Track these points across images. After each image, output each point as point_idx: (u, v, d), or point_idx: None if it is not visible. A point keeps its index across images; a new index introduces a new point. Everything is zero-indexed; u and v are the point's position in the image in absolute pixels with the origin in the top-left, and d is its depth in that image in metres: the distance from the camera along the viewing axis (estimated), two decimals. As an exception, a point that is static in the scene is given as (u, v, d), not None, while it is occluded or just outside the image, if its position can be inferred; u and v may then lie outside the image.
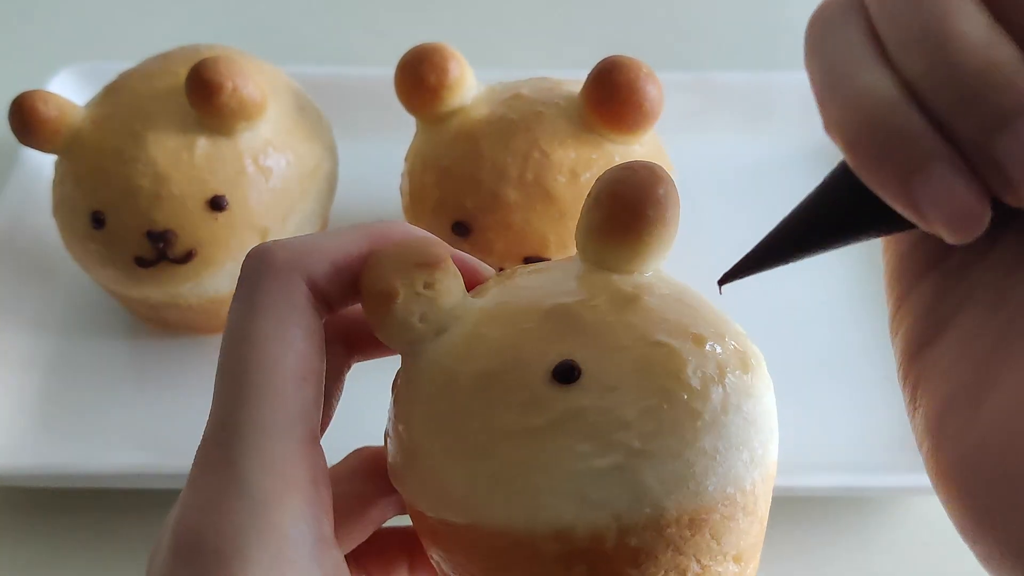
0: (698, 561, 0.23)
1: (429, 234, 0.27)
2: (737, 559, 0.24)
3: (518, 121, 0.44)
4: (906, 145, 0.17)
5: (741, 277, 0.23)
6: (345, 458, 0.30)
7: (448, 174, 0.45)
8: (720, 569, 0.23)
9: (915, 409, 0.21)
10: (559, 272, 0.26)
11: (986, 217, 0.17)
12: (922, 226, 0.18)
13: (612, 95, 0.43)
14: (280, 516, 0.22)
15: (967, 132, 0.17)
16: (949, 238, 0.18)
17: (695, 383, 0.23)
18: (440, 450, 0.24)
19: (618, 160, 0.44)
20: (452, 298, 0.25)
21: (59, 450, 0.45)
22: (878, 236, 0.20)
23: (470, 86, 0.46)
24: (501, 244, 0.44)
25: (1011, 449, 0.18)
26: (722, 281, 0.23)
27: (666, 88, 0.44)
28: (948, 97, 0.17)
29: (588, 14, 0.75)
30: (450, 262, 0.25)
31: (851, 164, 0.18)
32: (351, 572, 0.29)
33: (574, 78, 0.46)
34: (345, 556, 0.29)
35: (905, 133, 0.17)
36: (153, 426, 0.46)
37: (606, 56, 0.44)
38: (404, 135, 0.49)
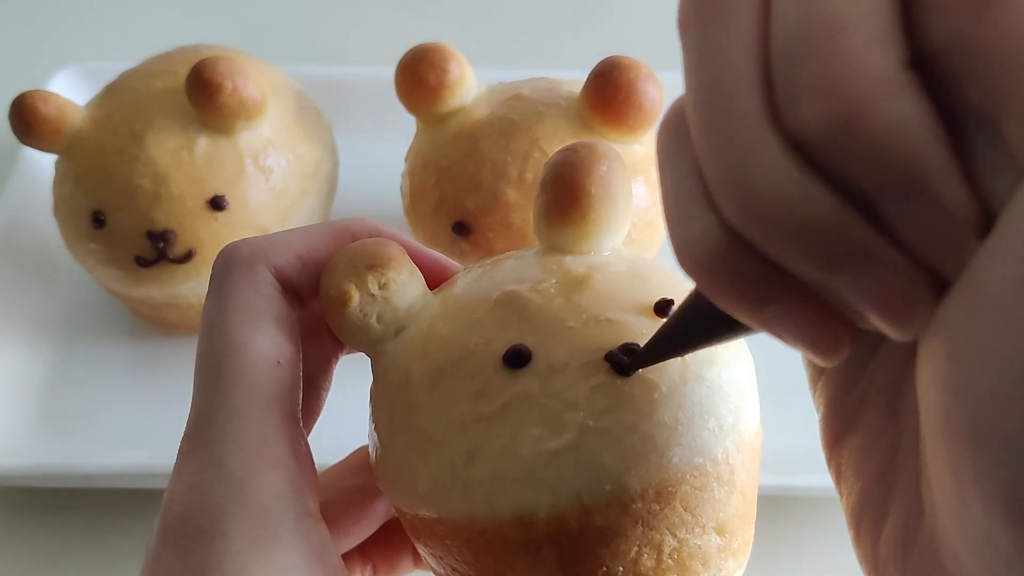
0: (673, 535, 0.23)
1: (392, 232, 0.27)
2: (719, 531, 0.23)
3: (518, 121, 0.44)
4: (744, 286, 0.16)
5: (646, 366, 0.23)
6: (349, 455, 0.30)
7: (448, 174, 0.45)
8: (699, 542, 0.23)
9: (840, 494, 0.21)
10: (517, 261, 0.26)
11: (844, 340, 0.16)
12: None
13: (612, 95, 0.43)
14: (260, 493, 0.22)
15: (800, 275, 0.16)
16: (815, 361, 0.17)
17: None
18: (403, 447, 0.24)
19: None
20: (408, 296, 0.25)
21: (59, 450, 0.45)
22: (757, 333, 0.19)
23: (470, 86, 0.46)
24: (501, 244, 0.44)
25: None
26: (628, 371, 0.23)
27: (666, 88, 0.44)
28: (770, 247, 0.16)
29: (588, 14, 0.75)
30: (402, 261, 0.25)
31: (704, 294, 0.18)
32: (357, 564, 0.30)
33: (574, 78, 0.46)
34: (351, 549, 0.29)
35: (740, 276, 0.16)
36: (153, 426, 0.46)
37: (606, 56, 0.44)
38: (404, 135, 0.49)
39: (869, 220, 0.15)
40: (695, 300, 0.20)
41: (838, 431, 0.21)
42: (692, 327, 0.21)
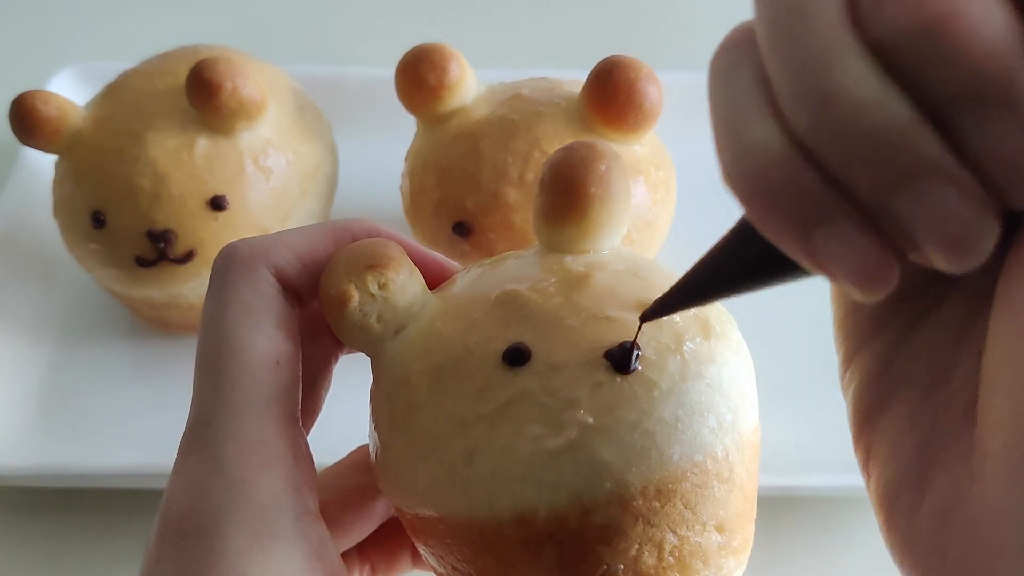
0: (674, 532, 0.23)
1: (392, 232, 0.27)
2: (720, 529, 0.23)
3: (518, 121, 0.44)
4: (799, 203, 0.16)
5: (664, 315, 0.22)
6: (349, 455, 0.30)
7: (448, 174, 0.45)
8: (700, 540, 0.23)
9: (868, 476, 0.21)
10: (517, 260, 0.26)
11: (893, 273, 0.16)
12: (831, 281, 0.17)
13: (612, 95, 0.43)
14: (259, 492, 0.22)
15: (862, 191, 0.15)
16: (857, 296, 0.17)
17: (649, 353, 0.23)
18: (403, 446, 0.24)
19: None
20: (407, 296, 0.25)
21: (59, 450, 0.45)
22: (798, 280, 0.18)
23: (470, 86, 0.46)
24: (502, 244, 0.44)
25: (946, 558, 0.18)
26: (645, 318, 0.23)
27: (666, 88, 0.44)
28: (837, 157, 0.15)
29: (588, 14, 0.75)
30: (401, 260, 0.25)
31: (750, 219, 0.17)
32: (356, 563, 0.30)
33: (574, 78, 0.46)
34: (350, 548, 0.29)
35: (797, 191, 0.16)
36: (153, 426, 0.46)
37: (606, 56, 0.44)
38: (404, 135, 0.49)
39: (943, 138, 0.15)
40: (732, 238, 0.19)
41: (870, 411, 0.21)
42: (727, 268, 0.19)
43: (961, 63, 0.14)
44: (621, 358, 0.23)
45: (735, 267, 0.19)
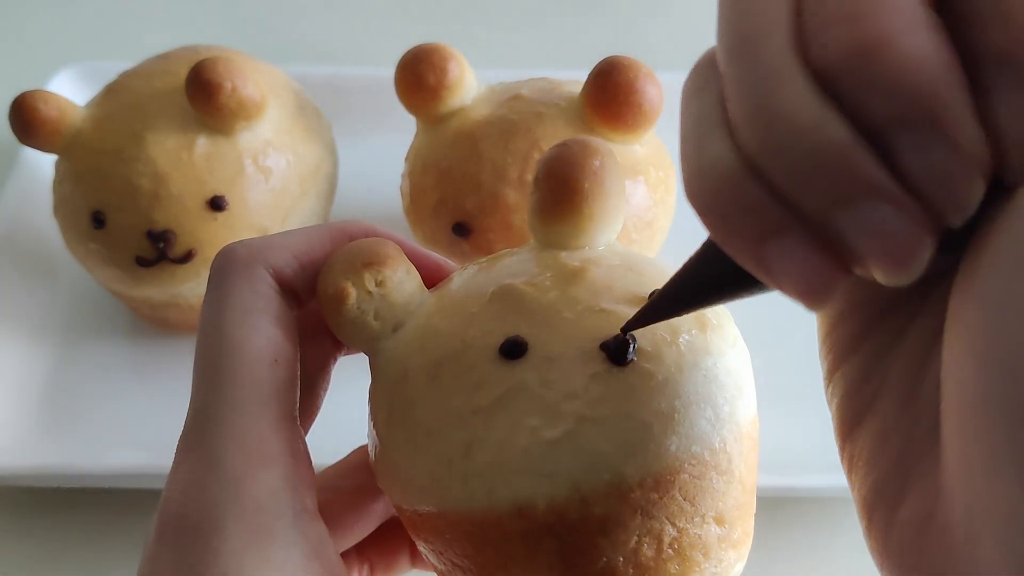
0: (672, 524, 0.23)
1: (389, 232, 0.27)
2: (719, 521, 0.23)
3: (518, 122, 0.44)
4: (750, 217, 0.17)
5: (643, 326, 0.23)
6: (348, 455, 0.30)
7: (448, 175, 0.45)
8: (699, 532, 0.23)
9: (852, 486, 0.21)
10: (513, 257, 0.27)
11: (836, 286, 0.17)
12: (782, 293, 0.18)
13: (612, 95, 0.43)
14: (257, 490, 0.22)
15: (807, 208, 0.16)
16: (806, 308, 0.17)
17: (645, 345, 0.23)
18: (402, 442, 0.24)
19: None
20: (404, 293, 0.25)
21: (59, 450, 0.45)
22: (761, 293, 0.19)
23: (470, 86, 0.46)
24: (501, 245, 0.44)
25: (920, 569, 0.18)
26: (625, 329, 0.23)
27: (666, 88, 0.44)
28: (783, 175, 0.16)
29: (588, 14, 0.75)
30: (398, 258, 0.25)
31: (709, 233, 0.18)
32: (355, 563, 0.30)
33: (574, 78, 0.46)
34: (349, 548, 0.29)
35: (748, 205, 0.17)
36: (154, 426, 0.46)
37: (606, 56, 0.44)
38: (404, 135, 0.49)
39: (880, 159, 0.16)
40: (700, 254, 0.20)
41: (852, 421, 0.21)
42: (695, 282, 0.21)
43: (891, 88, 0.15)
44: (617, 350, 0.23)
45: (705, 281, 0.20)
